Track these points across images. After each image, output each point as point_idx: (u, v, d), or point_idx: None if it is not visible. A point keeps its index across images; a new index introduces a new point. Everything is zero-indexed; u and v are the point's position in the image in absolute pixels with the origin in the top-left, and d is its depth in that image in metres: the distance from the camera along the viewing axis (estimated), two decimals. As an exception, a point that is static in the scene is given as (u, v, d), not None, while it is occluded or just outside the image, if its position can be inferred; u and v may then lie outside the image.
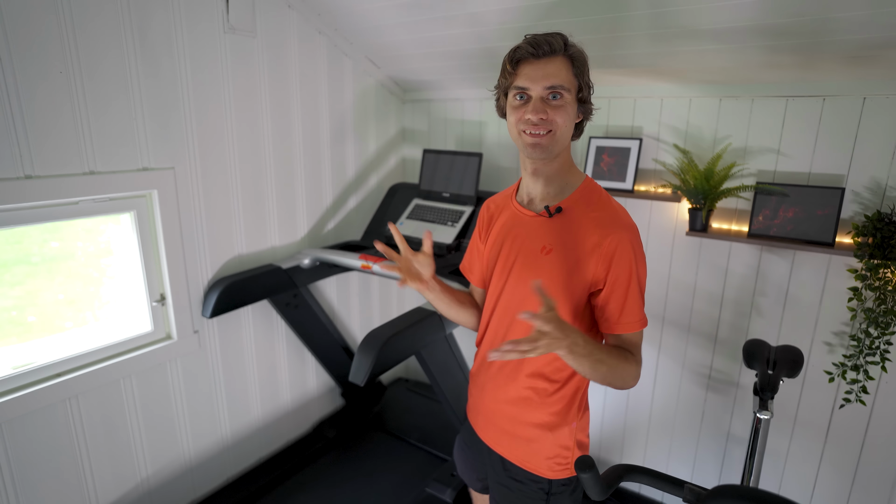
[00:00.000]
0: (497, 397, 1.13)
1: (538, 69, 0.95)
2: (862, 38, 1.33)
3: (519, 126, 0.98)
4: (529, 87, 0.95)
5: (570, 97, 0.97)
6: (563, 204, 1.03)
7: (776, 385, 1.42)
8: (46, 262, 1.55)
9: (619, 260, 0.96)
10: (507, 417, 1.12)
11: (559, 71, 0.95)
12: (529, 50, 0.95)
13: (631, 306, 0.98)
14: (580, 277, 0.98)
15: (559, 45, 0.95)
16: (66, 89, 1.39)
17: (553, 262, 1.00)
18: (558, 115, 0.96)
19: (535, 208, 1.07)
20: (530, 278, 1.02)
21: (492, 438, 1.17)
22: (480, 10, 1.65)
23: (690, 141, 1.83)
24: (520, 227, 1.07)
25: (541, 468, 1.10)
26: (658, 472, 0.83)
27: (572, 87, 0.97)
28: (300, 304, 2.10)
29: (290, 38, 1.95)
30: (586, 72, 1.00)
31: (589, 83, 1.01)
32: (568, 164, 1.05)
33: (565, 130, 0.98)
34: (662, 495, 2.11)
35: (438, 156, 2.28)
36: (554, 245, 1.01)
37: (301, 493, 1.99)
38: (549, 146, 0.97)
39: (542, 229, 1.03)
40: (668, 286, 1.96)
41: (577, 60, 0.97)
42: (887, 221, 1.47)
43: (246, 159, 1.88)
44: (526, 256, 1.04)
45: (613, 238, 0.96)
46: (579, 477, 0.80)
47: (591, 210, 1.01)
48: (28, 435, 1.46)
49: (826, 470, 1.75)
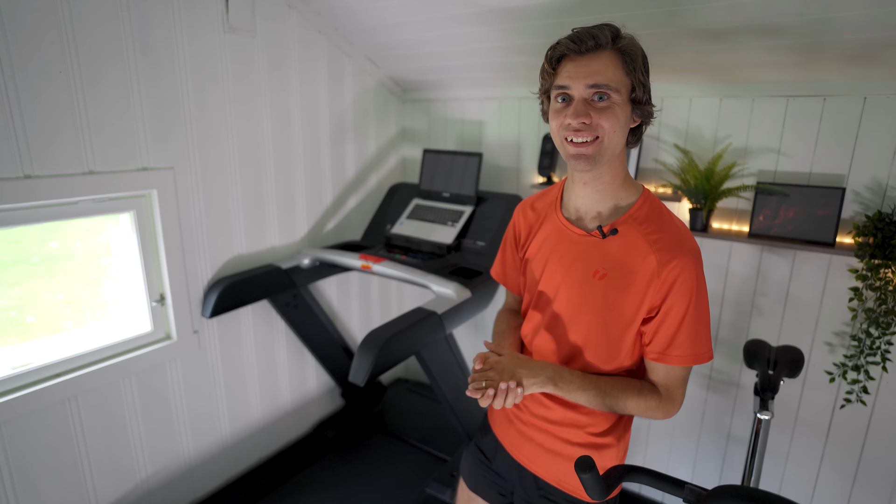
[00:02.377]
0: (540, 414, 1.04)
1: (581, 66, 0.83)
2: (862, 38, 1.33)
3: (561, 133, 0.87)
4: (570, 86, 0.84)
5: (620, 98, 0.84)
6: (619, 224, 0.92)
7: (777, 385, 1.42)
8: (46, 262, 1.55)
9: (679, 289, 0.87)
10: (548, 435, 1.04)
11: (605, 68, 0.83)
12: (571, 45, 0.84)
13: (683, 339, 0.89)
14: (634, 305, 0.90)
15: (606, 39, 0.83)
16: (66, 89, 1.39)
17: (607, 288, 0.91)
18: (604, 119, 0.83)
19: (584, 226, 0.96)
20: (579, 304, 0.95)
21: (526, 456, 1.07)
22: (480, 10, 1.65)
23: (691, 141, 1.83)
24: (567, 244, 0.97)
25: (580, 490, 1.01)
26: (658, 473, 0.82)
27: (622, 86, 0.84)
28: (300, 304, 2.10)
29: (290, 38, 1.95)
30: (641, 68, 0.86)
31: (645, 82, 0.87)
32: (622, 175, 0.93)
33: (615, 137, 0.85)
34: (662, 495, 2.11)
35: (438, 156, 2.28)
36: (608, 269, 0.91)
37: (301, 493, 1.99)
38: (595, 156, 0.85)
39: (595, 251, 0.93)
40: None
41: (628, 55, 0.84)
42: (888, 221, 1.46)
43: (246, 159, 1.88)
44: (576, 280, 0.95)
45: (676, 265, 0.86)
46: (579, 477, 0.79)
47: (651, 231, 0.90)
48: (28, 435, 1.45)
49: (827, 470, 1.75)
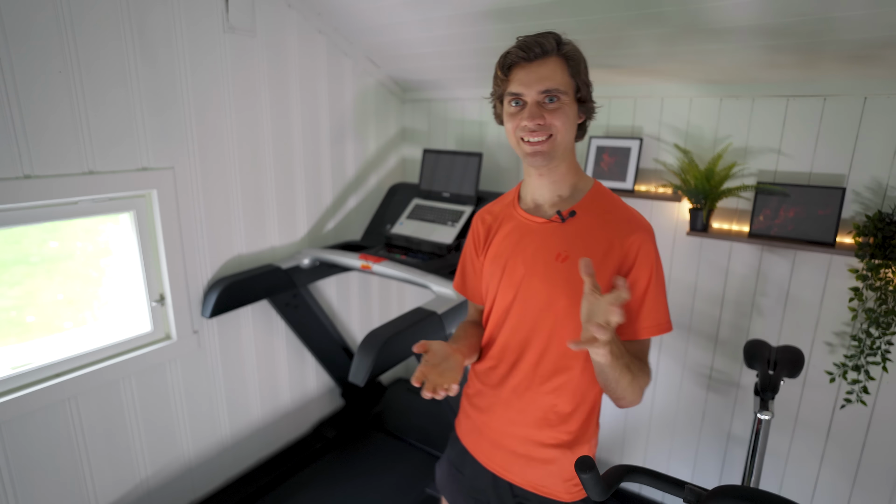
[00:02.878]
0: (509, 419, 1.05)
1: (531, 73, 0.91)
2: (862, 38, 1.33)
3: (517, 133, 0.94)
4: (523, 93, 0.91)
5: (568, 99, 0.92)
6: (577, 207, 0.98)
7: (777, 385, 1.42)
8: (45, 262, 1.55)
9: (640, 262, 0.93)
10: (519, 439, 1.04)
11: (553, 73, 0.90)
12: (520, 54, 0.91)
13: (649, 310, 0.94)
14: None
15: (551, 46, 0.90)
16: (66, 89, 1.39)
17: (571, 269, 0.94)
18: (556, 119, 0.91)
19: (544, 214, 1.01)
20: (545, 287, 0.97)
21: (499, 464, 1.08)
22: (480, 10, 1.65)
23: (691, 141, 1.82)
24: (529, 235, 1.01)
25: (558, 491, 1.03)
26: (658, 473, 0.82)
27: (569, 88, 0.92)
28: (300, 304, 2.10)
29: (290, 38, 1.95)
30: (583, 70, 0.94)
31: (587, 82, 0.96)
32: (574, 166, 1.01)
33: (566, 134, 0.93)
34: (663, 496, 2.11)
35: (438, 156, 2.28)
36: (570, 251, 0.95)
37: (301, 493, 1.99)
38: (550, 152, 0.93)
39: (556, 236, 0.98)
40: (669, 286, 1.95)
41: (572, 59, 0.92)
42: (888, 221, 1.46)
43: (246, 159, 1.88)
44: (540, 265, 0.98)
45: (634, 239, 0.93)
46: (579, 477, 0.79)
47: (606, 213, 0.97)
48: (27, 435, 1.45)
49: (827, 470, 1.75)
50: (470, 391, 1.16)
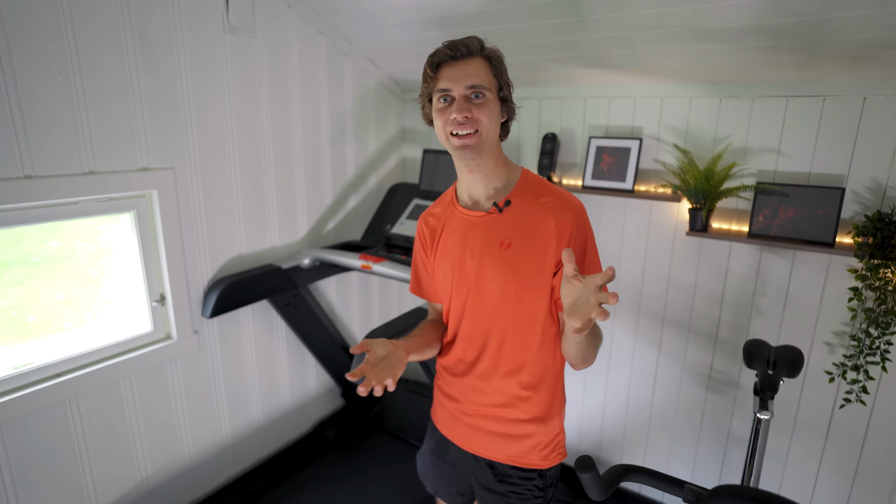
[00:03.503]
0: (482, 402, 1.12)
1: (458, 70, 0.98)
2: (862, 38, 1.33)
3: (447, 129, 1.00)
4: (452, 88, 0.98)
5: (492, 96, 1.00)
6: (511, 196, 1.05)
7: (776, 385, 1.42)
8: (46, 262, 1.55)
9: (576, 235, 1.01)
10: (495, 420, 1.12)
11: (479, 70, 0.98)
12: (448, 52, 0.98)
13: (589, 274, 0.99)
14: (543, 263, 1.01)
15: (476, 47, 0.98)
16: (66, 89, 1.39)
17: (515, 255, 1.02)
18: (482, 114, 0.98)
19: (482, 208, 1.08)
20: (494, 276, 1.04)
21: (478, 445, 1.15)
22: (480, 11, 1.65)
23: (690, 141, 1.83)
24: (473, 229, 1.08)
25: (535, 460, 1.11)
26: (658, 473, 0.83)
27: (492, 86, 1.00)
28: (300, 304, 2.10)
29: (290, 38, 1.95)
30: (504, 71, 1.03)
31: (508, 82, 1.04)
32: (503, 159, 1.08)
33: (491, 128, 1.00)
34: (662, 495, 2.11)
35: (438, 156, 2.28)
36: (512, 238, 1.03)
37: (301, 493, 1.99)
38: (477, 146, 0.99)
39: (496, 226, 1.05)
40: (669, 286, 1.96)
41: (494, 60, 1.00)
42: (887, 221, 1.47)
43: (246, 159, 1.88)
44: (487, 256, 1.05)
45: (567, 217, 1.00)
46: (579, 477, 0.80)
47: (539, 196, 1.04)
48: (28, 435, 1.45)
49: (826, 470, 1.75)
50: (441, 382, 1.23)
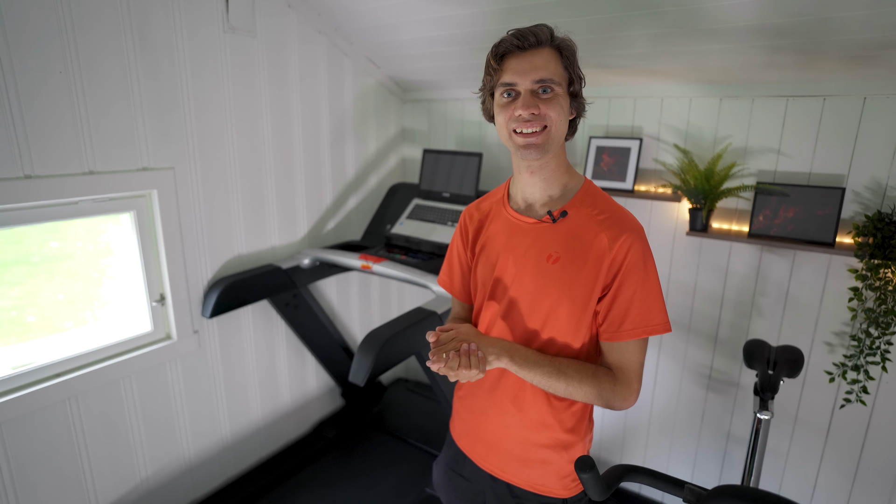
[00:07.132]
0: (503, 422, 1.04)
1: (525, 62, 0.89)
2: (862, 38, 1.33)
3: (510, 126, 0.91)
4: (517, 82, 0.89)
5: (562, 90, 0.90)
6: (568, 207, 0.96)
7: (776, 385, 1.42)
8: (46, 262, 1.55)
9: (630, 263, 0.90)
10: (515, 441, 1.04)
11: (548, 63, 0.89)
12: (514, 42, 0.89)
13: (637, 311, 0.91)
14: (591, 284, 0.92)
15: (546, 37, 0.89)
16: (66, 89, 1.39)
17: (562, 271, 0.93)
18: (551, 110, 0.89)
19: (535, 214, 0.99)
20: (536, 290, 0.96)
21: (496, 465, 1.07)
22: (480, 10, 1.65)
23: (691, 141, 1.83)
24: (519, 235, 0.99)
25: (555, 489, 1.03)
26: (658, 473, 0.82)
27: (562, 79, 0.90)
28: (300, 304, 2.10)
29: (290, 38, 1.95)
30: (576, 63, 0.93)
31: (580, 75, 0.94)
32: (565, 164, 0.99)
33: (560, 126, 0.91)
34: (662, 495, 2.11)
35: (438, 156, 2.28)
36: (561, 252, 0.94)
37: (301, 493, 1.99)
38: (543, 144, 0.90)
39: (546, 236, 0.96)
40: (669, 286, 1.96)
41: (565, 51, 0.91)
42: (888, 221, 1.47)
43: (246, 159, 1.88)
44: (530, 267, 0.97)
45: (625, 240, 0.90)
46: (579, 477, 0.79)
47: (597, 213, 0.94)
48: (28, 435, 1.45)
49: (826, 470, 1.75)
50: (462, 393, 1.14)
